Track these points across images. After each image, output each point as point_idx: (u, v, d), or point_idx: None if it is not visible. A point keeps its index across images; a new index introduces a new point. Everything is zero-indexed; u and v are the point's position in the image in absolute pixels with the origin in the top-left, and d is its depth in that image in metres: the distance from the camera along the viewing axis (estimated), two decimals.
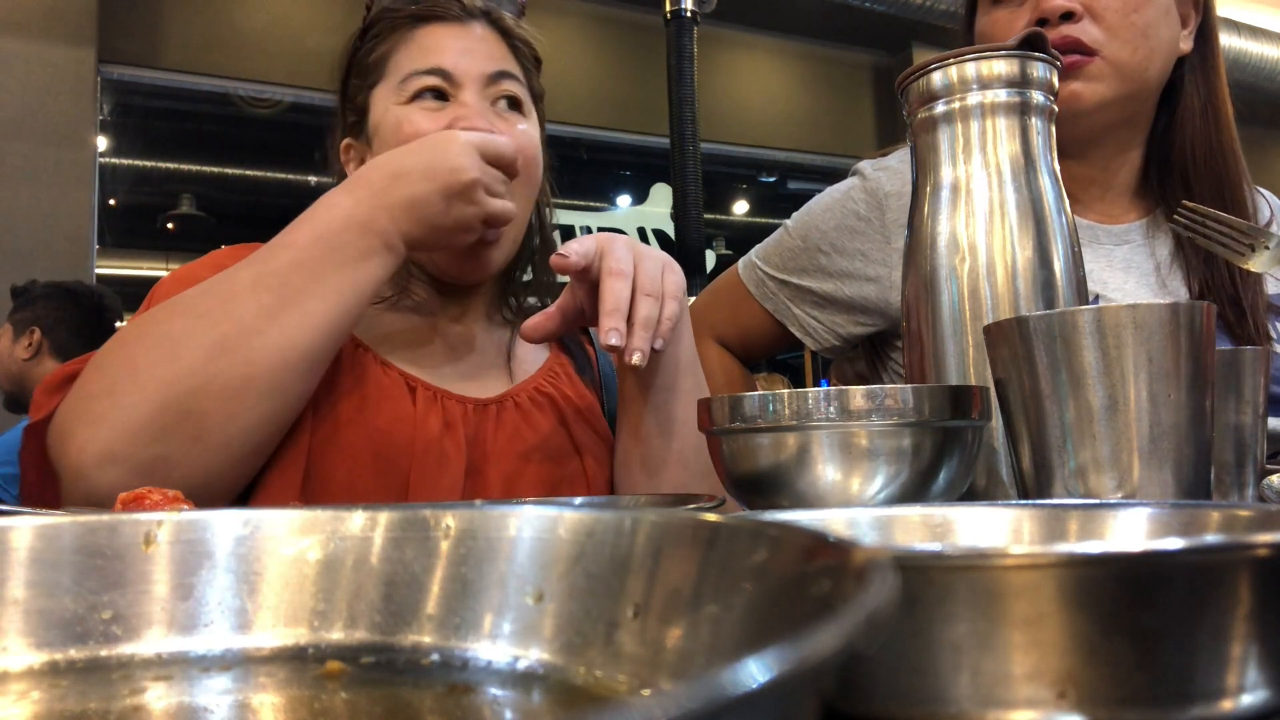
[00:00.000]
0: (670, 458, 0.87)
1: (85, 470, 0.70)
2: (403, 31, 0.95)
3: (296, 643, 0.33)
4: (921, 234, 0.69)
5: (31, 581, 0.33)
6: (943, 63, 0.69)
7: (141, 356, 0.73)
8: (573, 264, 0.81)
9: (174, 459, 0.71)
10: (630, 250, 0.82)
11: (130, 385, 0.72)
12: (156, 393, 0.71)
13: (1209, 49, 1.12)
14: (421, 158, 0.81)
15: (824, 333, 1.17)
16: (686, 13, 1.62)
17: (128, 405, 0.71)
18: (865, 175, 1.15)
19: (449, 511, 0.35)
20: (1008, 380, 0.55)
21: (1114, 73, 1.03)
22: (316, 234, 0.78)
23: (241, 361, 0.73)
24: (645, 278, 0.80)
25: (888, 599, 0.17)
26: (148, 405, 0.71)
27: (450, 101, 0.92)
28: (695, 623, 0.27)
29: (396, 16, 0.96)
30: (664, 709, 0.11)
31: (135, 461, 0.70)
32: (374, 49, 0.97)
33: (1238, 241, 0.81)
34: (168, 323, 0.75)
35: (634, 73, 4.83)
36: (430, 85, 0.92)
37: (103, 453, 0.70)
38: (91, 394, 0.73)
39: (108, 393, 0.72)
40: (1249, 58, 5.29)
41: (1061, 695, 0.25)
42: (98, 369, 0.75)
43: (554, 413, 0.95)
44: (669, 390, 0.88)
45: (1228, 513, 0.38)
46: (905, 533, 0.43)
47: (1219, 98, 1.11)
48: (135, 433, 0.70)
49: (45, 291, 2.66)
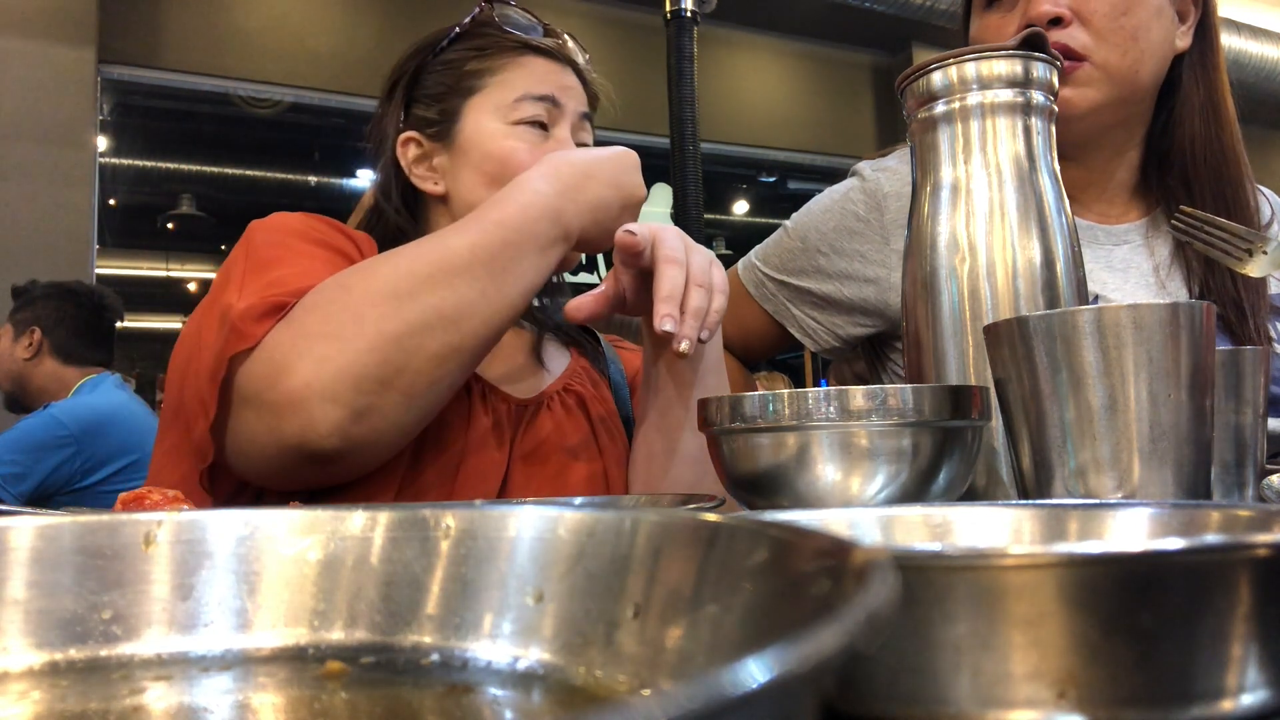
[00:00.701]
0: (692, 451, 0.89)
1: (307, 404, 0.71)
2: (511, 54, 0.99)
3: (296, 643, 0.33)
4: (921, 234, 0.69)
5: (31, 581, 0.33)
6: (943, 63, 0.69)
7: (368, 308, 0.74)
8: (638, 243, 0.82)
9: (384, 410, 0.74)
10: (681, 239, 0.84)
11: (356, 333, 0.73)
12: (382, 346, 0.73)
13: (1209, 45, 1.11)
14: (610, 166, 0.87)
15: (823, 334, 1.17)
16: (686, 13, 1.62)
17: (353, 352, 0.72)
18: (864, 176, 1.15)
19: (449, 511, 0.35)
20: (1008, 380, 0.55)
21: (1104, 77, 1.03)
22: (523, 215, 0.81)
23: (456, 332, 0.76)
24: (696, 269, 0.82)
25: (888, 599, 0.17)
26: (372, 356, 0.72)
27: (549, 135, 0.97)
28: (695, 623, 0.27)
29: (506, 38, 1.00)
30: (664, 709, 0.11)
31: (354, 407, 0.72)
32: (474, 60, 0.99)
33: (1235, 246, 0.81)
34: (391, 279, 0.76)
35: (634, 73, 4.82)
36: (540, 114, 0.96)
37: (326, 391, 0.71)
38: (313, 333, 0.73)
39: (335, 335, 0.73)
40: (1249, 58, 5.29)
41: (1061, 695, 0.25)
42: (316, 310, 0.75)
43: (582, 414, 0.97)
44: (697, 386, 0.89)
45: (1228, 513, 0.38)
46: (905, 533, 0.43)
47: (1219, 94, 1.10)
48: (358, 378, 0.72)
49: (46, 291, 2.66)
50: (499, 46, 0.99)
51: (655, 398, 0.91)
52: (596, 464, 0.95)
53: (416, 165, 1.00)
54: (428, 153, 1.00)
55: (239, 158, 5.99)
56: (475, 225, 0.80)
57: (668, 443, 0.90)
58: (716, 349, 0.92)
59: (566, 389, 0.98)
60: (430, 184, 0.99)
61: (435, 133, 0.99)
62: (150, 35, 4.21)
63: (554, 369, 1.02)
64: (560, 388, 0.98)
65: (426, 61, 1.01)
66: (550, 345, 1.05)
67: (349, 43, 4.36)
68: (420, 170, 1.00)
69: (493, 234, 0.80)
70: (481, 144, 0.96)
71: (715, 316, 0.82)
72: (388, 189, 1.01)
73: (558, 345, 1.07)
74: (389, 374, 0.73)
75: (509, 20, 1.00)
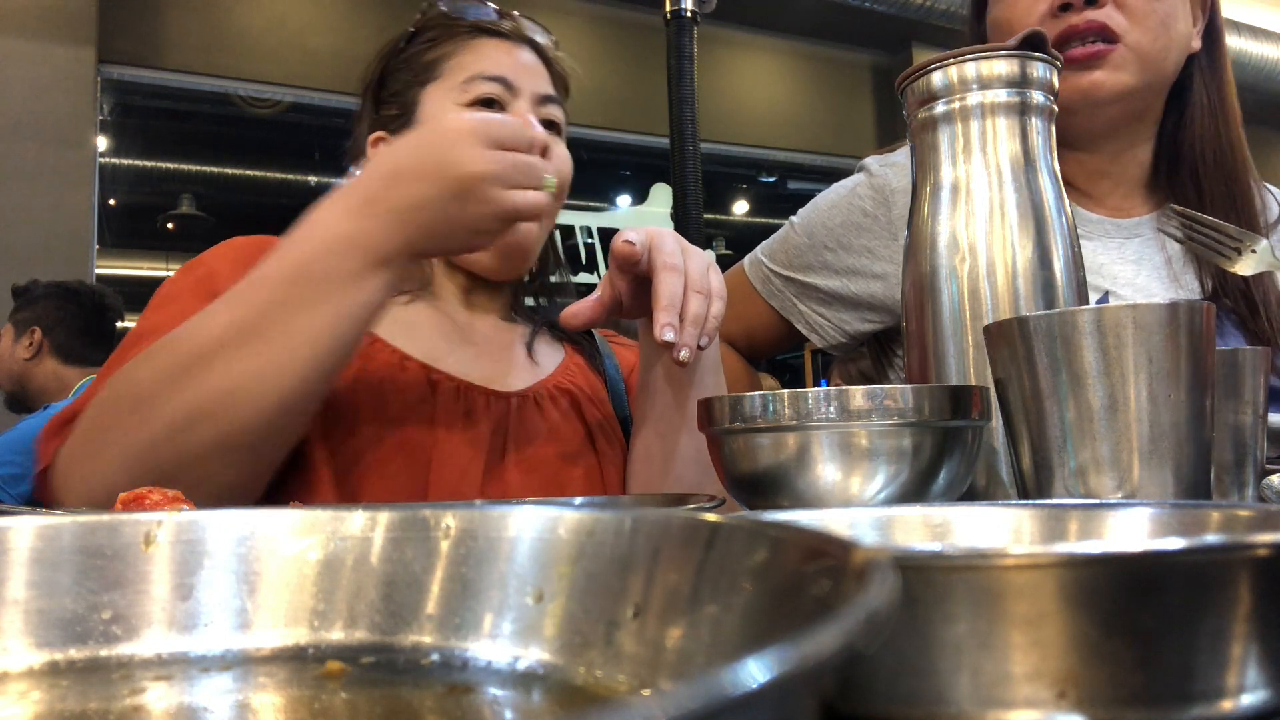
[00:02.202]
0: (691, 453, 0.88)
1: None
2: (462, 39, 0.98)
3: (296, 643, 0.33)
4: (921, 234, 0.69)
5: (31, 581, 0.33)
6: (943, 63, 0.69)
7: (118, 419, 0.70)
8: (637, 253, 0.80)
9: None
10: (678, 243, 0.82)
11: (107, 449, 0.69)
12: (136, 458, 0.68)
13: (1216, 48, 1.12)
14: (419, 154, 0.71)
15: (830, 330, 1.17)
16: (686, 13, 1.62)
17: (108, 470, 0.68)
18: (872, 171, 1.15)
19: (449, 511, 0.35)
20: (1008, 380, 0.55)
21: (1136, 60, 1.03)
22: (298, 262, 0.70)
23: (215, 428, 0.68)
24: (695, 274, 0.80)
25: (888, 599, 0.17)
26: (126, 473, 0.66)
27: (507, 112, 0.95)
28: (695, 623, 0.27)
29: (456, 24, 0.99)
30: (664, 709, 0.11)
31: None
32: (428, 51, 0.98)
33: (1225, 245, 0.82)
34: (139, 382, 0.70)
35: (634, 73, 4.83)
36: (492, 93, 0.94)
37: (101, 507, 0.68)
38: (78, 453, 0.71)
39: (93, 454, 0.70)
40: (1250, 58, 5.29)
41: (1061, 695, 0.25)
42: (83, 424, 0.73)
43: (574, 410, 0.96)
44: (695, 388, 0.88)
45: (1228, 513, 0.38)
46: (905, 533, 0.43)
47: (1227, 96, 1.12)
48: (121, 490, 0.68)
49: (46, 291, 2.66)
50: (451, 34, 0.98)
51: (653, 401, 0.90)
52: (591, 462, 0.94)
53: None
54: None
55: (239, 158, 5.99)
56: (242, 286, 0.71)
57: (666, 446, 0.89)
58: (714, 350, 0.91)
59: (558, 385, 0.98)
60: None
61: (397, 127, 0.97)
62: (150, 35, 4.21)
63: (546, 365, 1.01)
64: (553, 384, 0.97)
65: (390, 64, 1.01)
66: (543, 342, 1.04)
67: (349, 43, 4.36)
68: None
69: (255, 296, 0.70)
70: None
71: (714, 322, 0.80)
72: None
73: (551, 342, 1.06)
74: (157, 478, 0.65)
75: (456, 7, 1.00)
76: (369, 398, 0.85)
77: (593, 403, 0.99)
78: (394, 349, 0.90)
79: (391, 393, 0.87)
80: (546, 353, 1.03)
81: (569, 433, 0.95)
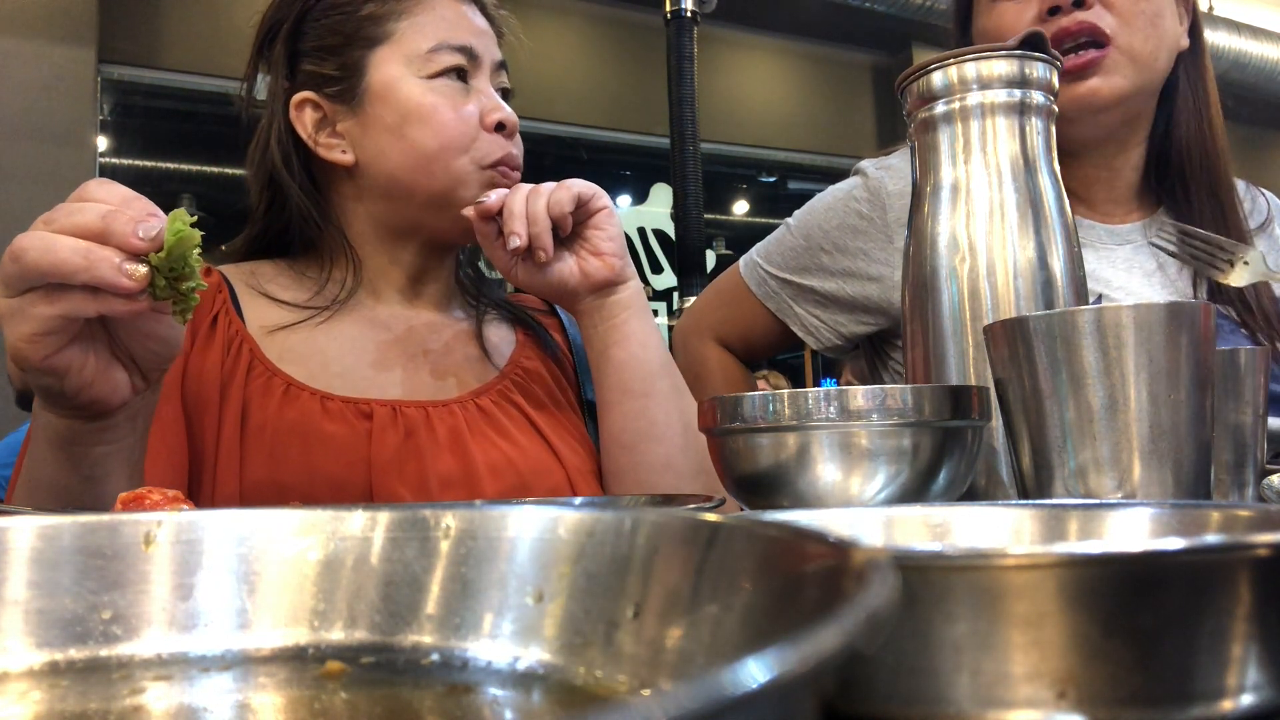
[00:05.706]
0: (657, 463, 0.86)
1: None
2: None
3: (296, 643, 0.33)
4: (921, 234, 0.69)
5: (31, 581, 0.33)
6: (943, 63, 0.69)
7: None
8: (491, 206, 0.81)
9: None
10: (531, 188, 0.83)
11: None
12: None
13: (1198, 47, 1.13)
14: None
15: (826, 332, 1.17)
16: (686, 13, 1.62)
17: None
18: (868, 174, 1.15)
19: (449, 511, 0.35)
20: (1008, 380, 0.55)
21: (1129, 63, 1.03)
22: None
23: None
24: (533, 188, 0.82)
25: (888, 599, 0.17)
26: None
27: (469, 87, 0.88)
28: (695, 623, 0.27)
29: None
30: (664, 709, 0.11)
31: None
32: (370, 3, 0.87)
33: (1218, 258, 0.82)
34: None
35: (634, 73, 4.83)
36: (460, 63, 0.87)
37: None
38: None
39: None
40: (1249, 58, 5.28)
41: (1061, 695, 0.25)
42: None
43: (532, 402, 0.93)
44: (646, 396, 0.86)
45: (1228, 513, 0.38)
46: (905, 533, 0.43)
47: (1210, 97, 1.12)
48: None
49: None
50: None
51: (608, 416, 0.87)
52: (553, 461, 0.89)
53: (318, 132, 0.88)
54: (329, 116, 0.88)
55: (239, 158, 5.97)
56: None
57: (631, 458, 0.87)
58: (661, 355, 0.88)
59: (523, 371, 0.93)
60: (338, 153, 0.88)
61: (336, 92, 0.87)
62: (150, 35, 4.21)
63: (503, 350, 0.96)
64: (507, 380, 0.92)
65: (310, 7, 0.88)
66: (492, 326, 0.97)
67: None
68: (324, 138, 0.88)
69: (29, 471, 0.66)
70: (397, 103, 0.85)
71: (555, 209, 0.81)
72: (289, 163, 0.88)
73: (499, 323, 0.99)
74: None
75: None
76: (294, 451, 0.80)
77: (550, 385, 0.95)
78: (312, 391, 0.83)
79: (316, 442, 0.80)
80: (497, 339, 0.97)
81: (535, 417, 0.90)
